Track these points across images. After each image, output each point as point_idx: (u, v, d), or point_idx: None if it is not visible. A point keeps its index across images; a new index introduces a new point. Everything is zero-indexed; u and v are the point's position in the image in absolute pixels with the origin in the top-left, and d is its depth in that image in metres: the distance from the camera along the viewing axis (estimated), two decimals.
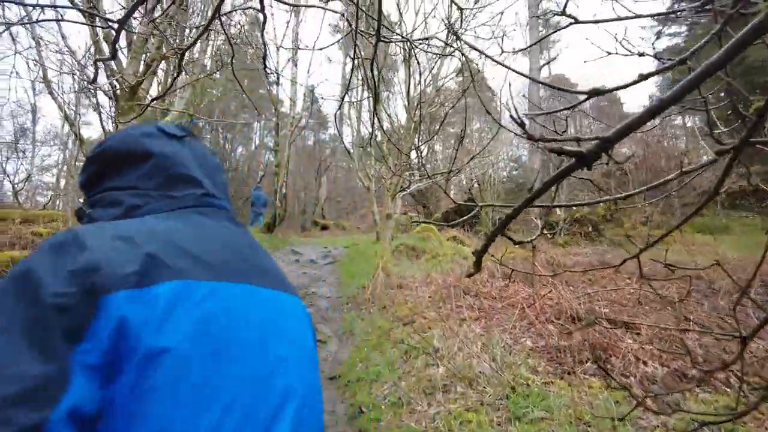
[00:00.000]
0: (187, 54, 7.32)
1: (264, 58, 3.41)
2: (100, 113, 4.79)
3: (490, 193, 16.23)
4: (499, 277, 5.95)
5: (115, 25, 2.29)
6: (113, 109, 5.71)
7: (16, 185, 17.28)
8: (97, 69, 2.97)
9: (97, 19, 3.24)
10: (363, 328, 5.32)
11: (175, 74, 2.50)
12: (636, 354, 3.59)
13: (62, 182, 20.98)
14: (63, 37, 5.27)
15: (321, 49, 2.72)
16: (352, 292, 6.88)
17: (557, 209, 17.43)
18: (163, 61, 6.09)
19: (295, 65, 12.42)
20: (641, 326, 3.98)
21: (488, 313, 4.84)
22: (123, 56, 5.39)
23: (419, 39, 2.41)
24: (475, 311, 4.94)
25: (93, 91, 4.51)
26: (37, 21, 2.20)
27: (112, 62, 4.80)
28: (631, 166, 19.13)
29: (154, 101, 3.02)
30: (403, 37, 2.36)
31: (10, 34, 9.89)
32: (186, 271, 0.65)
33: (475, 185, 20.86)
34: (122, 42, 5.68)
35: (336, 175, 29.08)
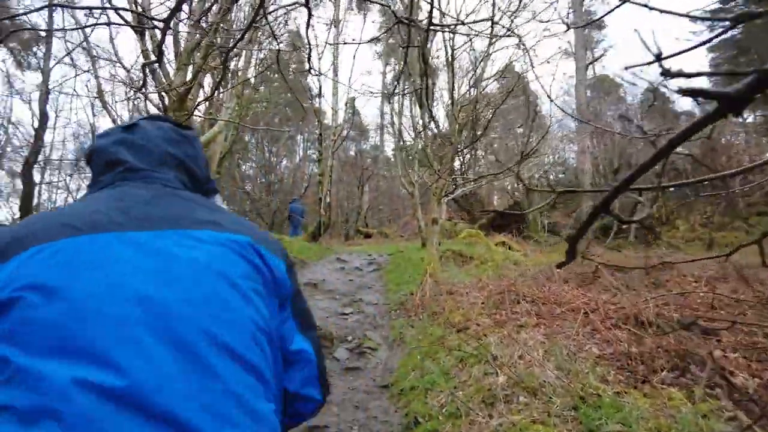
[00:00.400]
0: (231, 65, 7.43)
1: (309, 56, 3.34)
2: None
3: (539, 197, 15.69)
4: (557, 281, 5.64)
5: (161, 25, 2.28)
6: None
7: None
8: (145, 75, 2.99)
9: (145, 22, 3.29)
10: (413, 335, 5.15)
11: (221, 76, 2.46)
12: (720, 363, 3.24)
13: None
14: (116, 55, 5.48)
15: (370, 41, 2.63)
16: (400, 299, 6.73)
17: (614, 211, 16.54)
18: (208, 73, 6.21)
19: (336, 74, 12.50)
20: (726, 332, 3.61)
21: (547, 318, 4.57)
22: (170, 68, 5.54)
23: (473, 21, 2.26)
24: (533, 317, 4.68)
25: (143, 98, 4.61)
26: (88, 26, 2.20)
27: (161, 73, 4.91)
28: (687, 166, 18.10)
29: (201, 104, 3.02)
30: (457, 20, 2.21)
31: (71, 58, 10.43)
32: (49, 237, 0.75)
33: (518, 191, 20.31)
34: (170, 54, 5.84)
35: (378, 183, 29.12)
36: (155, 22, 2.55)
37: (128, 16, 4.76)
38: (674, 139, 0.76)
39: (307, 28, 2.96)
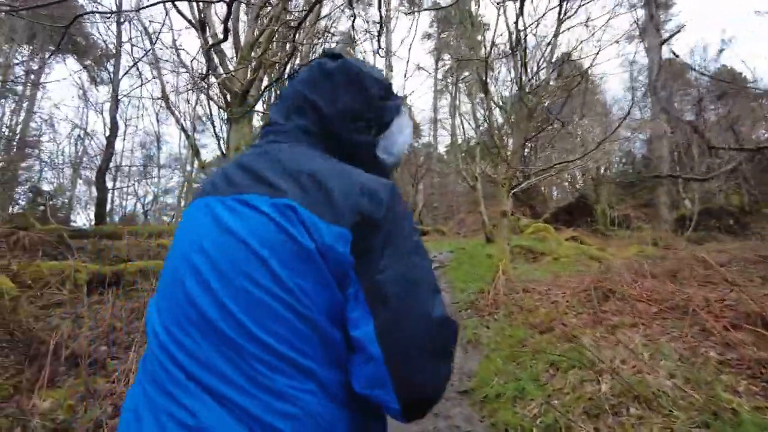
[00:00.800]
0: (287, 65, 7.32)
1: (379, 34, 3.06)
2: (213, 122, 4.82)
3: (606, 189, 14.79)
4: (647, 276, 5.08)
5: None
6: (226, 121, 5.81)
7: (145, 206, 19.17)
8: (209, 60, 2.81)
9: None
10: (490, 336, 4.78)
11: (289, 56, 2.24)
12: None
13: (182, 202, 22.93)
14: (177, 50, 5.46)
15: (442, 8, 2.32)
16: (469, 298, 6.36)
17: (687, 202, 15.38)
18: (269, 68, 6.11)
19: (391, 70, 12.25)
20: None
21: (645, 318, 4.07)
22: (230, 65, 5.45)
23: None
24: (627, 316, 4.19)
25: (206, 98, 4.53)
26: (148, 6, 2.03)
27: (221, 69, 4.82)
28: None
29: (269, 87, 2.81)
30: None
31: (138, 69, 10.79)
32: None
33: (580, 182, 19.33)
34: (230, 51, 5.79)
35: (432, 180, 28.72)
36: None
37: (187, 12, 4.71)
38: None
39: (380, 3, 2.70)
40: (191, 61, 4.61)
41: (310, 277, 0.73)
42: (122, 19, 11.65)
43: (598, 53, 4.95)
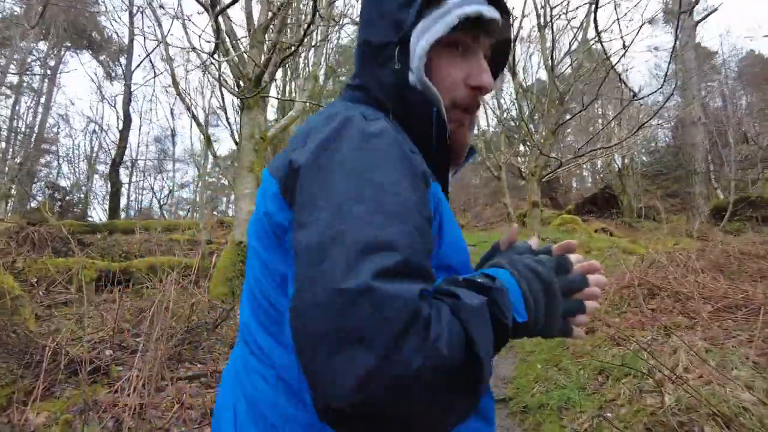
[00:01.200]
0: (301, 57, 6.97)
1: None
2: (225, 109, 4.50)
3: (632, 179, 14.22)
4: (700, 271, 4.63)
5: None
6: (239, 109, 5.51)
7: (161, 200, 19.15)
8: (218, 30, 2.48)
9: None
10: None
11: (306, 27, 1.91)
12: None
13: (197, 196, 22.89)
14: (184, 19, 5.12)
15: None
16: None
17: (719, 192, 14.71)
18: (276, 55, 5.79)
19: None
20: None
21: (701, 318, 3.66)
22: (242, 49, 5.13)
23: None
24: (680, 316, 3.78)
25: (216, 68, 4.19)
26: None
27: (233, 53, 4.50)
28: None
29: (287, 58, 2.48)
30: None
31: (150, 61, 10.63)
32: None
33: (602, 172, 18.79)
34: (242, 33, 5.46)
35: None
36: None
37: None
38: None
39: None
40: (200, 36, 4.30)
41: (275, 250, 0.64)
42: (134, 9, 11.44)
43: (641, 27, 4.47)
